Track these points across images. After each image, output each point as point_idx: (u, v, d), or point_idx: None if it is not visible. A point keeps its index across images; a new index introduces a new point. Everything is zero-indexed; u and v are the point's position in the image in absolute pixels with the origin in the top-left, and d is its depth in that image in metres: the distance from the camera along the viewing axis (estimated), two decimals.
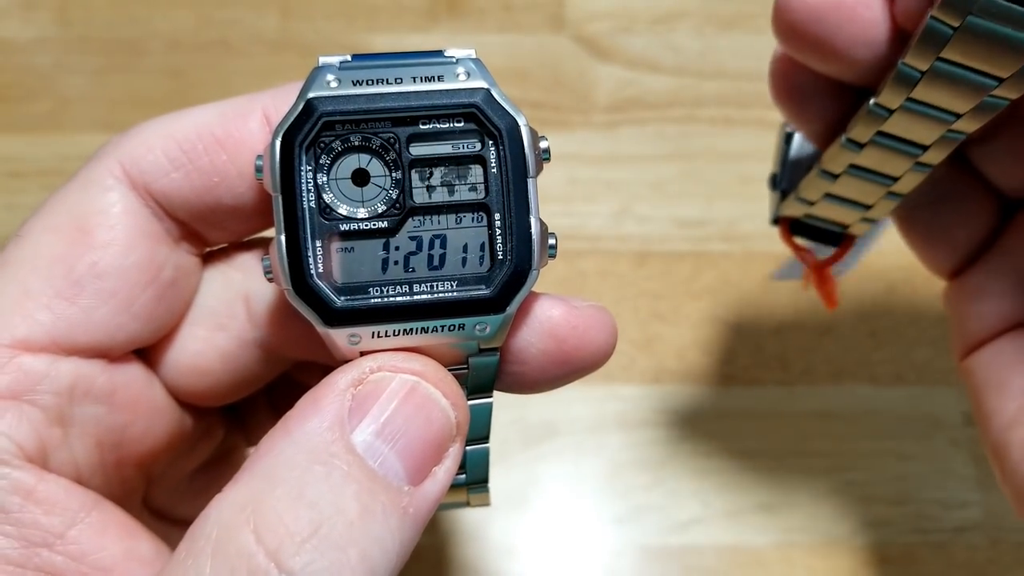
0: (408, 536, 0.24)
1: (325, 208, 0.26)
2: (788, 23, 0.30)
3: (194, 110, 0.29)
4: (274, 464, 0.24)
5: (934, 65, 0.28)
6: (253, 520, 0.23)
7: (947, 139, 0.30)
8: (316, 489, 0.23)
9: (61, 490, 0.27)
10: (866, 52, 0.30)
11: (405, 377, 0.26)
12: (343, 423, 0.24)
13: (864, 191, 0.33)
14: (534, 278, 0.27)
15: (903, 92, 0.29)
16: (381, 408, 0.25)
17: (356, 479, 0.24)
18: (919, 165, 0.31)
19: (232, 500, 0.24)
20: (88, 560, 0.26)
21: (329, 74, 0.26)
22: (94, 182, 0.28)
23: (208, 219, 0.29)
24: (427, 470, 0.25)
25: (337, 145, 0.26)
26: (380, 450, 0.24)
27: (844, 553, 0.47)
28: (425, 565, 0.47)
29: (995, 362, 0.35)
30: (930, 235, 0.36)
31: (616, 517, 0.48)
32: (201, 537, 0.23)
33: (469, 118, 0.26)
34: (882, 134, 0.30)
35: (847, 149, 0.31)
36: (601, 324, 0.28)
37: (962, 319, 0.37)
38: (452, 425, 0.26)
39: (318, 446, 0.24)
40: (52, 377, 0.27)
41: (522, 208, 0.26)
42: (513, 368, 0.28)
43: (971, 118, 0.29)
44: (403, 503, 0.24)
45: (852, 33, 0.30)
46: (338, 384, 0.25)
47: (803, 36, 0.30)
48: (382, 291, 0.26)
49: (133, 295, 0.28)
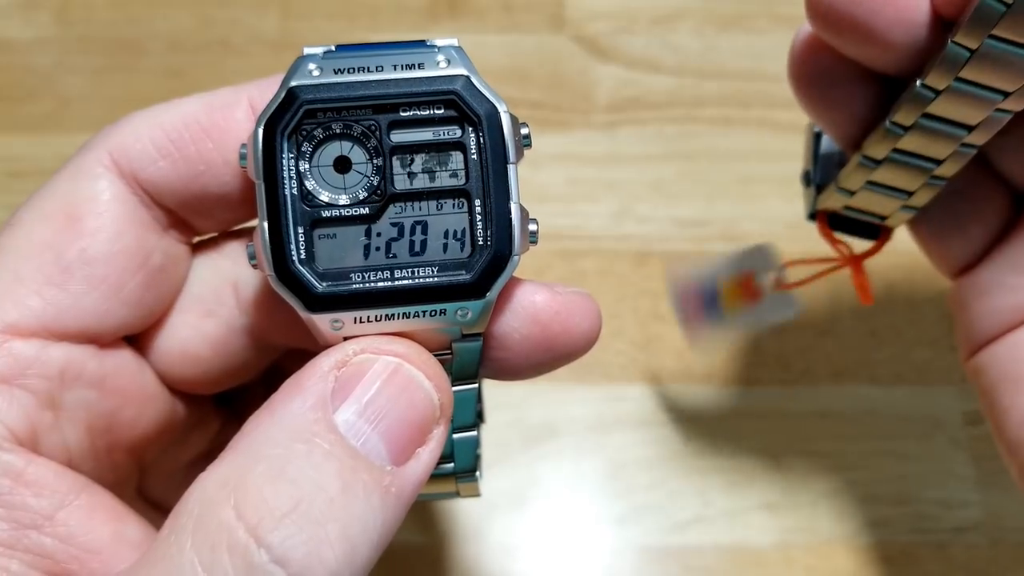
0: (390, 515, 0.25)
1: (307, 195, 0.26)
2: (825, 4, 0.29)
3: (182, 101, 0.29)
4: (257, 442, 0.24)
5: (985, 43, 0.27)
6: (234, 496, 0.23)
7: (994, 119, 0.30)
8: (297, 466, 0.23)
9: (50, 473, 0.27)
10: (904, 35, 0.29)
11: (388, 359, 0.26)
12: (326, 403, 0.25)
13: (907, 177, 0.33)
14: (514, 264, 0.27)
15: (951, 72, 0.28)
16: (364, 389, 0.25)
17: (338, 457, 0.24)
18: (964, 147, 0.31)
19: (214, 477, 0.24)
20: (77, 542, 0.27)
21: (312, 63, 0.26)
22: (83, 171, 0.29)
23: (195, 207, 0.30)
24: (410, 451, 0.26)
25: (319, 133, 0.26)
26: (362, 430, 0.25)
27: (844, 553, 0.47)
28: (425, 564, 0.48)
29: (1009, 357, 0.35)
30: (943, 230, 0.36)
31: (616, 517, 0.48)
32: (183, 514, 0.23)
33: (449, 105, 0.26)
34: (927, 116, 0.30)
35: (891, 133, 0.31)
36: (585, 310, 0.29)
37: (971, 316, 0.36)
38: (435, 407, 0.26)
39: (301, 425, 0.24)
40: (42, 362, 0.28)
41: (502, 194, 0.26)
42: (497, 354, 0.29)
43: (1019, 97, 0.28)
44: (385, 482, 0.24)
45: (892, 15, 0.29)
46: (322, 366, 0.25)
47: (841, 17, 0.29)
48: (364, 277, 0.26)
49: (122, 281, 0.28)
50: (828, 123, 0.34)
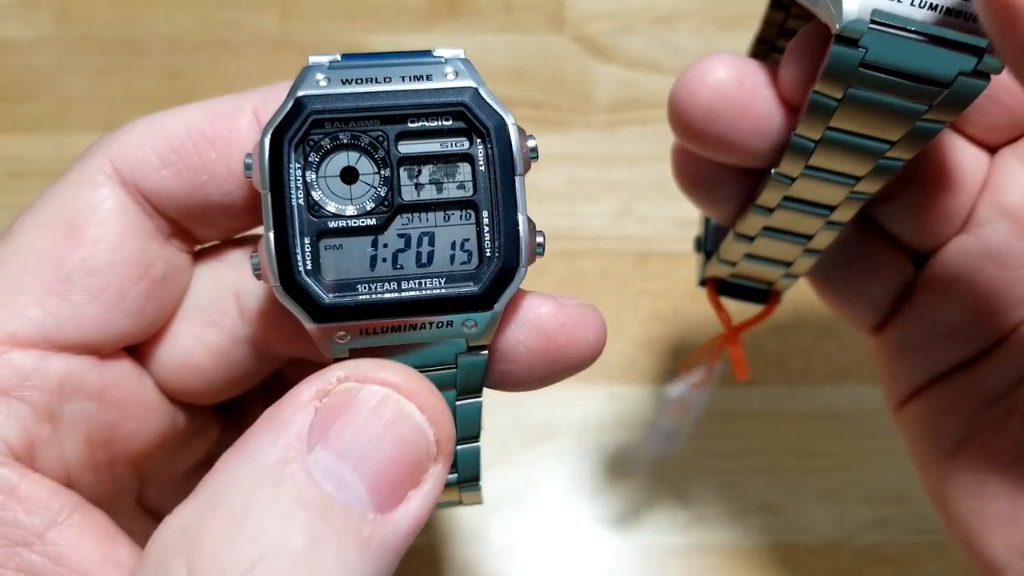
0: (373, 570, 0.22)
1: (313, 205, 0.26)
2: (685, 124, 0.30)
3: (185, 108, 0.29)
4: (221, 486, 0.23)
5: (825, 134, 0.28)
6: (188, 551, 0.21)
7: (853, 199, 0.30)
8: (259, 517, 0.21)
9: (44, 490, 0.27)
10: (764, 142, 0.30)
11: (375, 388, 0.24)
12: (301, 441, 0.23)
13: (781, 250, 0.33)
14: (522, 275, 0.27)
15: (801, 160, 0.29)
16: (345, 424, 0.23)
17: (306, 506, 0.22)
18: (830, 224, 0.32)
19: (175, 523, 0.23)
20: (66, 562, 0.26)
21: (319, 73, 0.26)
22: (84, 179, 0.28)
23: (198, 216, 0.29)
24: (399, 496, 0.23)
25: (326, 143, 0.26)
26: (340, 472, 0.22)
27: (844, 553, 0.47)
28: (424, 565, 0.47)
29: (924, 414, 0.36)
30: (846, 295, 0.36)
31: (616, 517, 0.48)
32: (145, 561, 0.22)
33: (457, 116, 0.26)
34: (789, 198, 0.31)
35: (758, 213, 0.32)
36: (590, 322, 0.28)
37: (889, 373, 0.37)
38: (430, 443, 0.24)
39: (270, 467, 0.22)
40: (41, 373, 0.27)
41: (510, 206, 0.26)
42: (502, 366, 0.28)
43: (871, 179, 0.29)
44: (364, 533, 0.22)
45: (748, 127, 0.30)
46: (301, 396, 0.24)
47: (700, 134, 0.30)
48: (370, 288, 0.26)
49: (123, 291, 0.28)
50: (713, 213, 0.34)
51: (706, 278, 0.38)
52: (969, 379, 0.35)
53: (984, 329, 0.34)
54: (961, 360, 0.35)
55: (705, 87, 0.29)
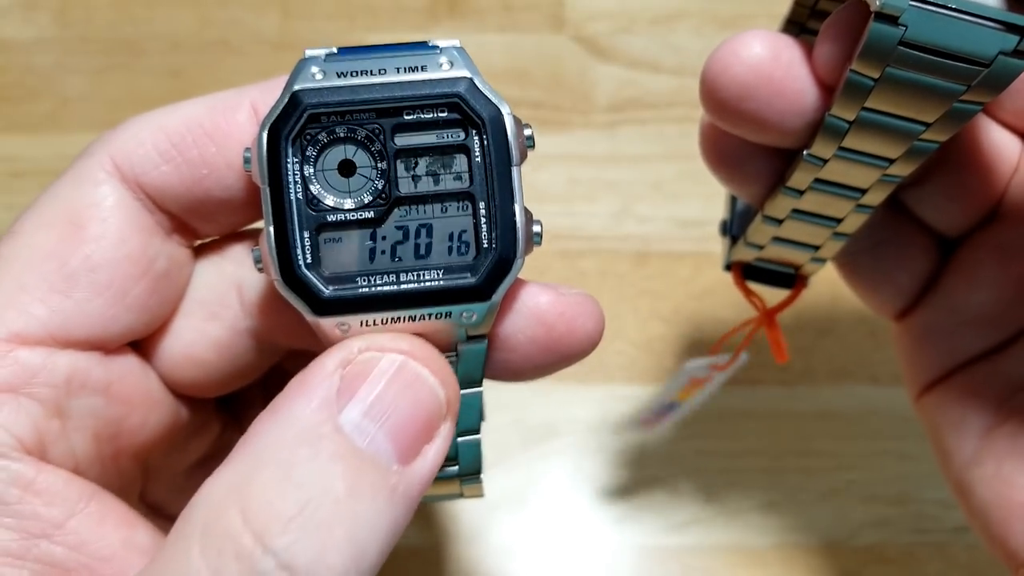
0: (398, 515, 0.24)
1: (312, 199, 0.26)
2: (718, 101, 0.30)
3: (184, 104, 0.29)
4: (262, 446, 0.24)
5: (860, 115, 0.28)
6: (240, 501, 0.23)
7: (884, 182, 0.30)
8: (303, 469, 0.23)
9: (60, 481, 0.27)
10: (798, 120, 0.30)
11: (393, 356, 0.26)
12: (331, 404, 0.24)
13: (810, 233, 0.33)
14: (519, 266, 0.27)
15: (834, 142, 0.29)
16: (369, 388, 0.25)
17: (343, 459, 0.24)
18: (860, 207, 0.31)
19: (220, 482, 0.24)
20: (87, 550, 0.27)
21: (314, 66, 0.26)
22: (86, 177, 0.28)
23: (198, 211, 0.29)
24: (416, 449, 0.25)
25: (323, 137, 0.26)
26: (368, 430, 0.24)
27: (844, 553, 0.47)
28: (425, 565, 0.48)
29: (948, 401, 0.35)
30: (873, 280, 0.36)
31: (616, 517, 0.48)
32: (191, 520, 0.23)
33: (453, 108, 0.27)
34: (820, 180, 0.31)
35: (787, 195, 0.32)
36: (589, 311, 0.29)
37: (912, 360, 0.37)
38: (441, 403, 0.26)
39: (306, 427, 0.24)
40: (49, 370, 0.27)
41: (506, 196, 0.27)
42: (501, 355, 0.29)
43: (904, 162, 0.29)
44: (392, 482, 0.24)
45: (783, 106, 0.29)
46: (326, 365, 0.25)
47: (733, 111, 0.30)
48: (370, 280, 0.26)
49: (127, 287, 0.28)
50: (741, 192, 0.34)
51: (732, 262, 0.38)
52: (996, 367, 0.34)
53: (1012, 317, 0.34)
54: (988, 348, 0.35)
55: (740, 63, 0.29)
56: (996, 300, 0.34)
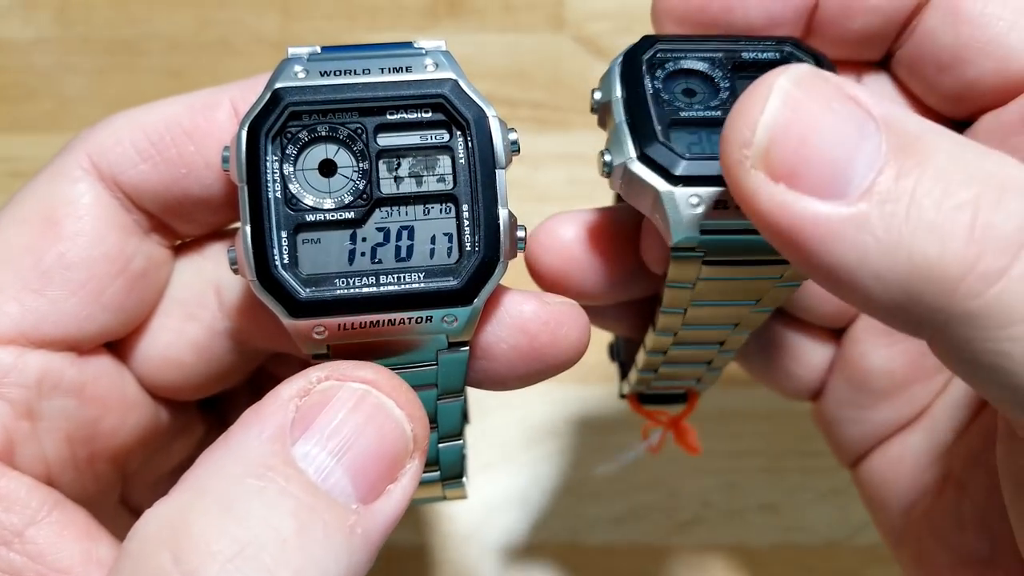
0: (357, 559, 0.23)
1: (291, 199, 0.26)
2: (542, 283, 0.32)
3: (163, 102, 0.29)
4: (206, 476, 0.23)
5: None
6: (173, 538, 0.21)
7: (756, 313, 0.31)
8: (247, 504, 0.22)
9: (23, 488, 0.26)
10: (617, 285, 0.31)
11: (354, 386, 0.24)
12: (284, 435, 0.23)
13: (697, 355, 0.34)
14: (502, 269, 0.26)
15: (683, 297, 0.29)
16: (327, 419, 0.24)
17: (294, 495, 0.22)
18: (738, 331, 0.32)
19: (157, 513, 0.23)
20: (46, 560, 0.26)
21: (297, 65, 0.26)
22: (62, 174, 0.28)
23: (177, 211, 0.29)
24: (380, 487, 0.24)
25: (304, 135, 0.26)
26: (325, 464, 0.23)
27: (844, 553, 0.47)
28: (425, 565, 0.48)
29: (869, 481, 0.35)
30: (771, 376, 0.37)
31: (616, 517, 0.48)
32: (125, 554, 0.22)
33: (437, 108, 0.26)
34: (688, 324, 0.31)
35: (663, 336, 0.32)
36: (573, 320, 0.28)
37: (831, 439, 0.37)
38: (408, 439, 0.25)
39: (255, 459, 0.23)
40: (19, 370, 0.27)
41: (490, 199, 0.26)
42: (483, 364, 0.28)
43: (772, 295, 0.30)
44: (350, 522, 0.23)
45: (597, 278, 0.31)
46: (282, 395, 0.24)
47: (559, 291, 0.31)
48: (348, 282, 0.26)
49: (102, 286, 0.28)
50: (612, 331, 0.36)
51: (627, 394, 0.38)
52: (904, 446, 0.34)
53: (907, 398, 0.34)
54: (892, 429, 0.34)
55: (548, 252, 0.31)
56: (891, 375, 0.34)
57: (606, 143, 0.28)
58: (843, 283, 0.21)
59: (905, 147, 0.21)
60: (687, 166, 0.26)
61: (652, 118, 0.27)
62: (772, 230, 0.21)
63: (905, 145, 0.21)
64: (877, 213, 0.20)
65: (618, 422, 0.50)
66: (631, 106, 0.27)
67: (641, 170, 0.26)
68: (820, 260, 0.21)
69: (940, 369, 0.33)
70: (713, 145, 0.26)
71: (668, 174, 0.26)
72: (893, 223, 0.20)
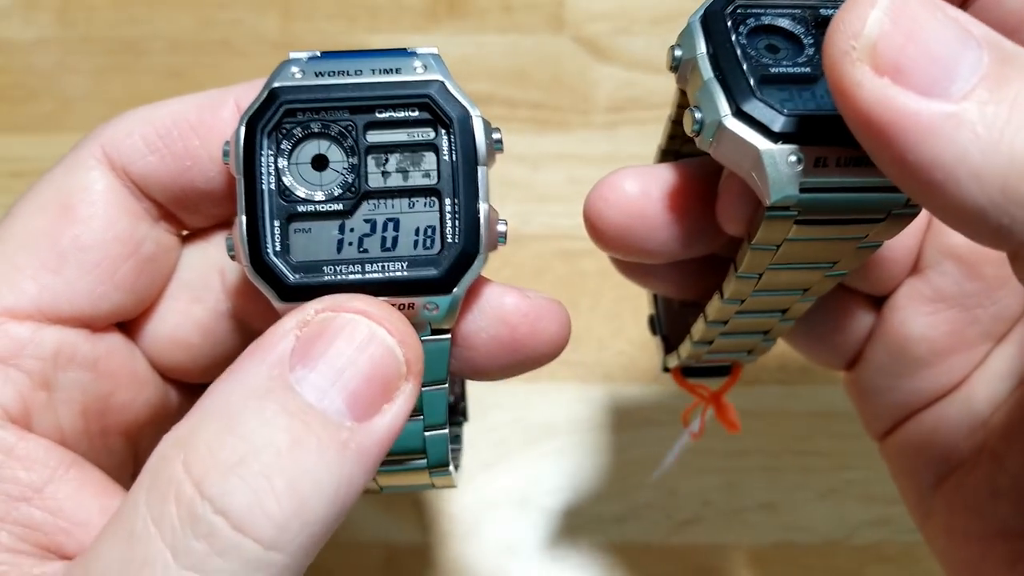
0: (350, 471, 0.24)
1: (284, 190, 0.28)
2: (601, 241, 0.31)
3: (173, 100, 0.31)
4: (214, 401, 0.25)
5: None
6: (184, 452, 0.24)
7: (829, 278, 0.30)
8: (248, 422, 0.24)
9: (41, 448, 0.28)
10: (679, 244, 0.31)
11: (349, 316, 0.26)
12: (283, 363, 0.25)
13: (758, 324, 0.33)
14: (481, 261, 0.28)
15: (764, 260, 0.29)
16: (323, 346, 0.25)
17: (289, 413, 0.24)
18: (805, 298, 0.32)
19: (171, 436, 0.25)
20: (65, 514, 0.28)
21: (295, 67, 0.28)
22: (77, 163, 0.30)
23: (183, 201, 0.31)
24: (375, 408, 0.25)
25: (298, 131, 0.28)
26: (320, 387, 0.25)
27: (843, 552, 0.47)
28: (424, 564, 0.48)
29: (901, 451, 0.36)
30: (810, 345, 0.37)
31: (616, 517, 0.48)
32: (144, 472, 0.24)
33: (423, 107, 0.28)
34: (759, 290, 0.31)
35: (728, 304, 0.31)
36: (553, 315, 0.30)
37: (863, 409, 0.37)
38: (399, 362, 0.26)
39: (257, 384, 0.25)
40: (37, 343, 0.29)
41: (471, 194, 0.28)
42: (464, 353, 0.30)
43: (849, 261, 0.29)
44: (342, 437, 0.24)
45: (661, 237, 0.31)
46: (283, 326, 0.26)
47: (619, 250, 0.31)
48: (335, 269, 0.27)
49: (114, 266, 0.30)
50: (659, 292, 0.35)
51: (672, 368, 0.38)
52: (939, 417, 0.35)
53: (945, 368, 0.34)
54: (928, 399, 0.35)
55: (611, 206, 0.31)
56: (927, 353, 0.34)
57: (692, 101, 0.28)
58: (937, 182, 0.21)
59: (1006, 60, 0.22)
60: (786, 122, 0.26)
61: (744, 73, 0.26)
62: (870, 125, 0.22)
63: (1005, 59, 0.22)
64: (979, 112, 0.21)
65: (618, 422, 0.50)
66: (720, 61, 0.27)
67: (738, 127, 0.26)
68: (917, 156, 0.21)
69: (981, 340, 0.34)
70: (805, 101, 0.26)
71: (767, 130, 0.26)
72: (996, 123, 0.21)
